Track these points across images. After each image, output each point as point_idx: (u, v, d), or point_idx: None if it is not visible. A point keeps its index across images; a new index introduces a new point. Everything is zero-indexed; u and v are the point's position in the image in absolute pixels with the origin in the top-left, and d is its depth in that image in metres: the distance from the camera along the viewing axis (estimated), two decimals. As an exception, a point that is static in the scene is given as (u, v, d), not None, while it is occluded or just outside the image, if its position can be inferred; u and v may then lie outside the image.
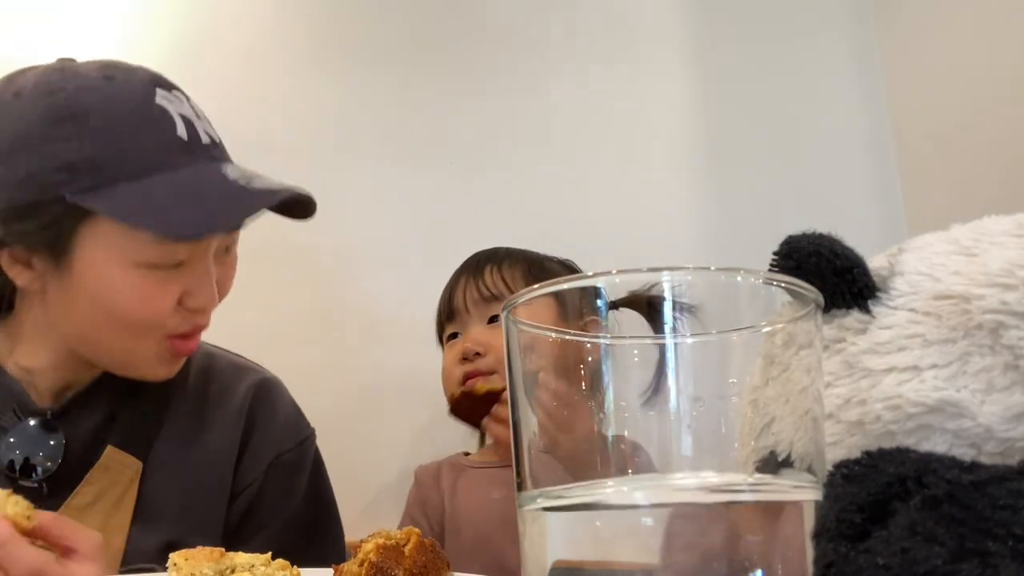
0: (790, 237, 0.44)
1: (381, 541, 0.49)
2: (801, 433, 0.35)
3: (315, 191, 1.02)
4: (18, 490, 0.74)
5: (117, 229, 0.75)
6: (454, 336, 1.12)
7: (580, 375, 0.36)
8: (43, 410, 0.82)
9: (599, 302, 0.36)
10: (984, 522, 0.29)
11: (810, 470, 0.35)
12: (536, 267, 1.12)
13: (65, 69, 0.78)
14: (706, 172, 1.52)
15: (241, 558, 0.49)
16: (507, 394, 0.38)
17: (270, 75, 1.46)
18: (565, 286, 0.37)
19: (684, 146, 1.53)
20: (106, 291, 0.77)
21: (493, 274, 1.10)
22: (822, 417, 0.38)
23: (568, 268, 1.17)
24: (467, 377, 1.07)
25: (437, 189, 1.46)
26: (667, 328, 0.34)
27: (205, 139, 0.81)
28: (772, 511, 0.35)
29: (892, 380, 0.41)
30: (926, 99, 1.46)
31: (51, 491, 0.79)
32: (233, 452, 0.88)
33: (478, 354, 1.06)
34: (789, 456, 0.35)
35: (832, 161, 1.54)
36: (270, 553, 0.50)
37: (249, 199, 0.78)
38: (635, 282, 0.35)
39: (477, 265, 1.13)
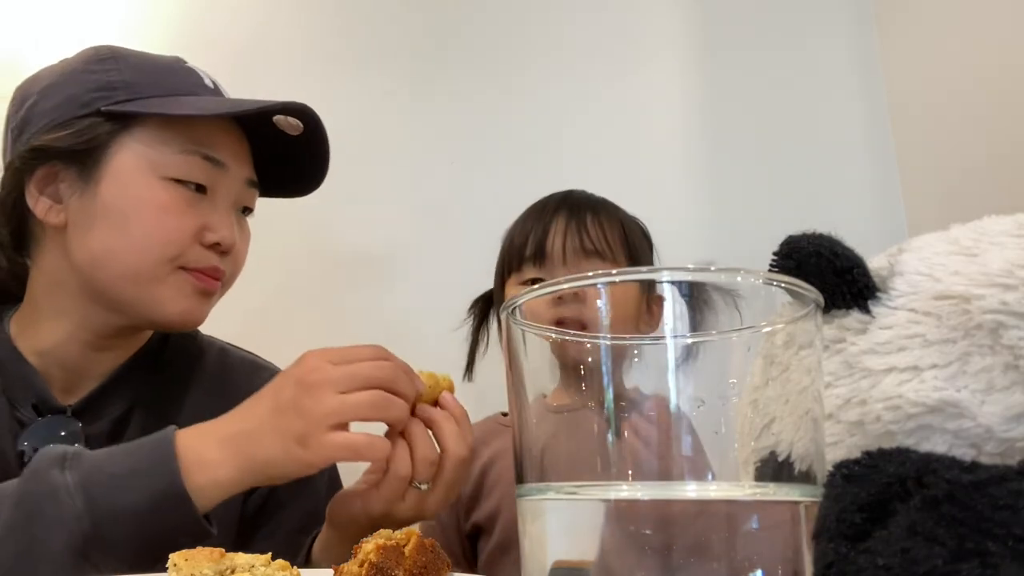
0: (790, 237, 0.44)
1: (381, 541, 0.49)
2: (801, 433, 0.35)
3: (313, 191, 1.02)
4: None
5: (147, 142, 0.79)
6: (536, 282, 0.97)
7: (580, 374, 0.36)
8: (63, 407, 0.82)
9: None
10: (984, 522, 0.29)
11: (810, 470, 0.35)
12: (626, 230, 1.01)
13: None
14: (706, 172, 1.52)
15: (241, 558, 0.49)
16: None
17: (269, 76, 1.46)
18: (565, 286, 0.37)
19: (685, 146, 1.53)
20: (129, 203, 0.78)
21: (595, 226, 0.98)
22: (822, 417, 0.38)
23: (646, 235, 1.09)
24: (559, 322, 0.97)
25: (437, 189, 1.46)
26: (671, 321, 0.34)
27: (228, 96, 0.88)
28: (772, 512, 0.35)
29: (892, 380, 0.41)
30: (926, 99, 1.46)
31: None
32: None
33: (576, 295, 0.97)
34: (789, 456, 0.35)
35: (832, 161, 1.54)
36: (270, 553, 0.50)
37: (267, 104, 0.82)
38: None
39: (575, 209, 1.00)
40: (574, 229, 0.98)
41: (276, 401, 0.66)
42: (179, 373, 0.90)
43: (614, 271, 0.35)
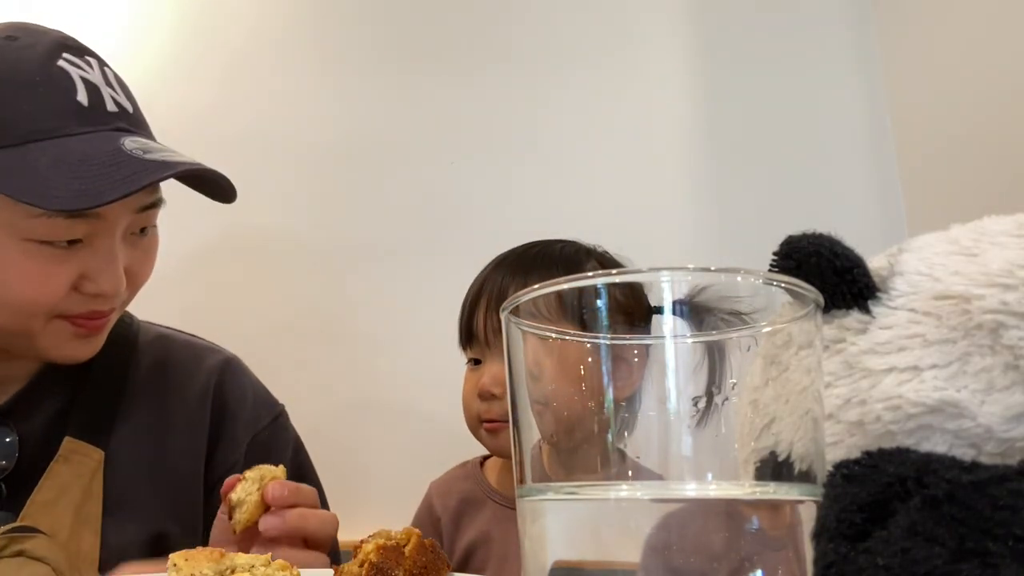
0: (790, 237, 0.44)
1: (381, 542, 0.49)
2: (801, 433, 0.35)
3: (314, 191, 1.02)
4: None
5: (1, 201, 0.68)
6: (476, 361, 0.97)
7: (580, 375, 0.36)
8: None
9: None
10: (984, 522, 0.29)
11: (810, 470, 0.35)
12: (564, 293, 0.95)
13: None
14: (706, 172, 1.52)
15: (241, 558, 0.49)
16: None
17: (270, 75, 1.46)
18: (565, 286, 0.37)
19: (684, 146, 1.53)
20: None
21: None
22: (822, 417, 0.38)
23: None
24: (483, 420, 0.94)
25: (437, 189, 1.46)
26: (664, 328, 0.34)
27: (111, 107, 0.74)
28: (772, 512, 0.35)
29: (892, 380, 0.41)
30: (926, 99, 1.46)
31: (11, 491, 0.75)
32: (204, 438, 0.85)
33: (495, 395, 0.92)
34: (789, 456, 0.35)
35: (832, 161, 1.54)
36: (270, 554, 0.50)
37: (138, 170, 0.69)
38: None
39: (502, 285, 0.94)
40: (495, 310, 0.91)
41: None
42: (116, 362, 0.84)
43: (614, 271, 0.35)
